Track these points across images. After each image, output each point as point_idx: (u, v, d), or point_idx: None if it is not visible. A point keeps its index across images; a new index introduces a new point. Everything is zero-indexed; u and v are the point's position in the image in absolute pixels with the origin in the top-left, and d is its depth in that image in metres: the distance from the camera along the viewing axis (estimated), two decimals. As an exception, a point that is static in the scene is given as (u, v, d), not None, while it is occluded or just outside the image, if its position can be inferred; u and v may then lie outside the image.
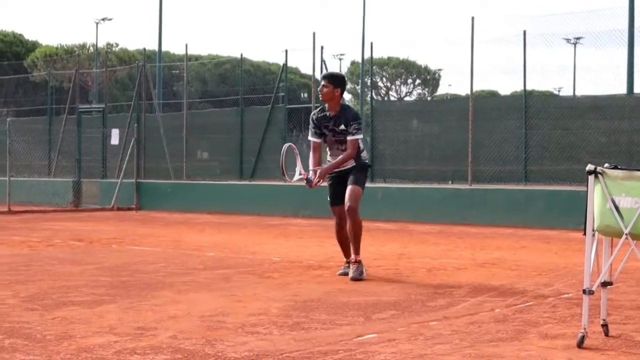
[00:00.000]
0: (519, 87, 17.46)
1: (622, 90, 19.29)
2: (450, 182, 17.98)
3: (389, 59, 54.41)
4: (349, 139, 7.50)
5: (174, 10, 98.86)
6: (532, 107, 16.91)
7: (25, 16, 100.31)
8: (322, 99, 7.68)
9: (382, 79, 58.28)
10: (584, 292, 4.63)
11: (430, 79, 59.44)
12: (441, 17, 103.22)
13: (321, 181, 7.53)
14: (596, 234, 4.65)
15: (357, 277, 7.29)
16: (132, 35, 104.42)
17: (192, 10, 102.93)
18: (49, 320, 5.23)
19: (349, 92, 50.14)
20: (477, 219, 15.03)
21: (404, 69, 58.38)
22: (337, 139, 7.61)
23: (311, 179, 7.45)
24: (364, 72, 36.60)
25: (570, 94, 40.73)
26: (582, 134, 16.20)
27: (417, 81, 60.17)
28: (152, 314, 5.48)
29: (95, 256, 9.34)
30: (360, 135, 7.58)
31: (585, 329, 4.59)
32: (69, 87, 26.64)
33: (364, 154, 7.76)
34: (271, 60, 50.29)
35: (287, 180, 7.71)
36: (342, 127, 7.53)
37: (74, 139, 22.27)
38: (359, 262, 7.42)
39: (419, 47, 79.19)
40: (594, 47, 17.48)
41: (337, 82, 7.62)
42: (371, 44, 19.76)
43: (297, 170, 7.55)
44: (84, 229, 13.78)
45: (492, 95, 37.59)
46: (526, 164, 16.81)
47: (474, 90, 17.10)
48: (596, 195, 4.59)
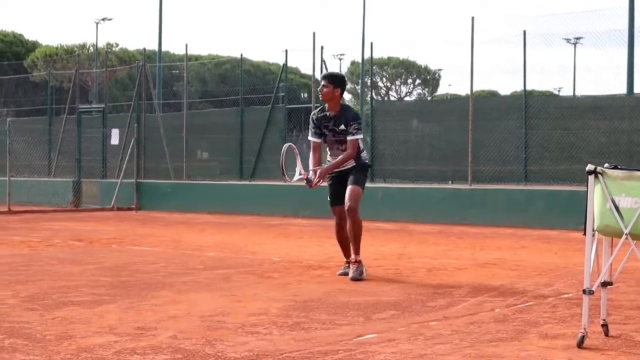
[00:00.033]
0: (519, 87, 17.48)
1: (622, 90, 19.29)
2: (450, 182, 17.97)
3: (389, 59, 54.41)
4: (349, 139, 7.50)
5: (174, 10, 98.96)
6: (532, 107, 16.91)
7: (25, 16, 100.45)
8: (322, 99, 7.68)
9: (382, 79, 58.27)
10: (584, 292, 4.63)
11: (430, 79, 59.44)
12: (441, 17, 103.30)
13: (321, 181, 7.53)
14: (596, 234, 4.65)
15: (357, 277, 7.29)
16: (132, 35, 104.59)
17: (192, 10, 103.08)
18: (49, 320, 5.23)
19: (349, 92, 50.16)
20: (477, 219, 15.03)
21: (404, 69, 58.38)
22: (337, 139, 7.61)
23: (311, 179, 7.45)
24: (364, 72, 36.59)
25: (570, 94, 40.77)
26: (582, 134, 16.19)
27: (417, 81, 60.17)
28: (152, 314, 5.48)
29: (95, 256, 9.34)
30: (360, 135, 7.58)
31: (585, 329, 4.59)
32: (69, 87, 26.64)
33: (364, 154, 7.76)
34: (271, 60, 50.37)
35: (287, 180, 7.71)
36: (342, 127, 7.53)
37: (74, 139, 22.26)
38: (359, 262, 7.42)
39: (419, 47, 79.30)
40: (594, 47, 17.50)
41: (337, 82, 7.62)
42: (371, 44, 19.79)
43: (297, 170, 7.55)
44: (84, 229, 13.78)
45: (492, 95, 37.57)
46: (526, 164, 16.81)
47: (474, 90, 17.10)
48: (596, 195, 4.59)
